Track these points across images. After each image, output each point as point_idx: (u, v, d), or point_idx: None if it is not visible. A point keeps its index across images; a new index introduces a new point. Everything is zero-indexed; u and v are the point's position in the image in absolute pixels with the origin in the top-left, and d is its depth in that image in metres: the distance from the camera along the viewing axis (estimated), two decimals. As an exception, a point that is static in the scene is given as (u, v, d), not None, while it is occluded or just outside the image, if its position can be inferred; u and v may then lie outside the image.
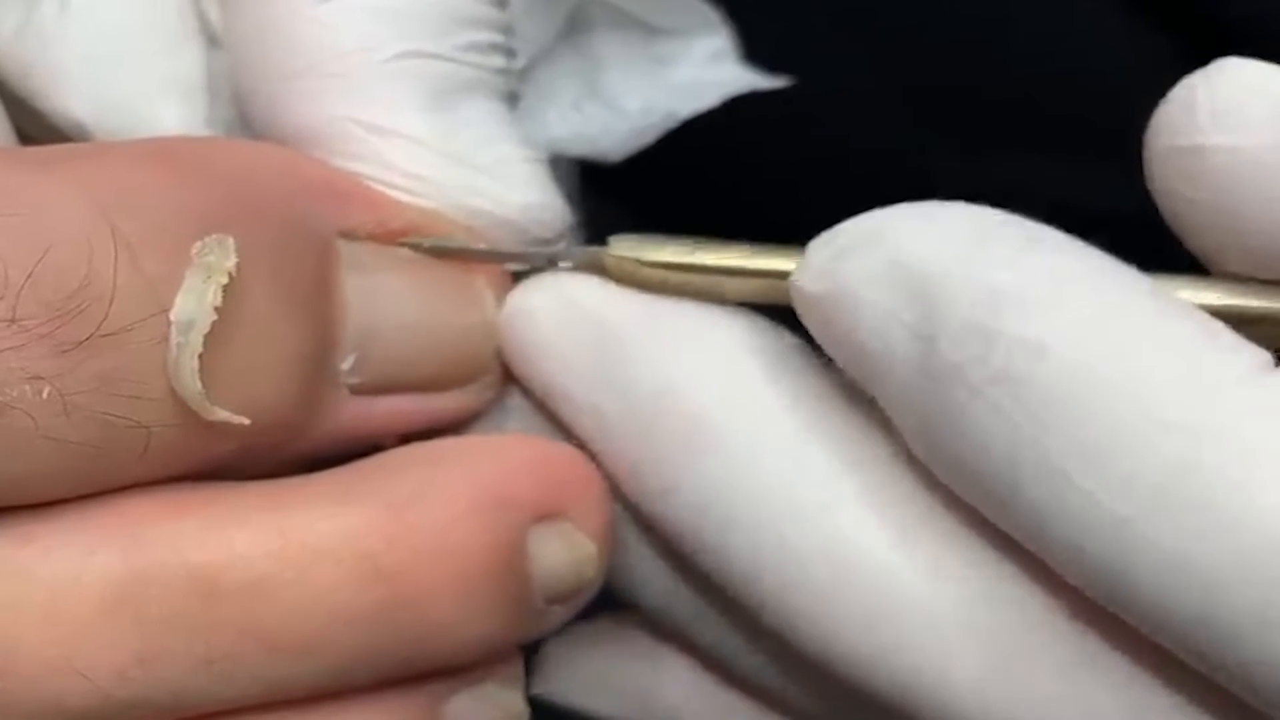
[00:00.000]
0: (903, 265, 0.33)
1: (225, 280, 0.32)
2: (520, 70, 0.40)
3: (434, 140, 0.37)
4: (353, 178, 0.37)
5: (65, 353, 0.30)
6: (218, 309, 0.32)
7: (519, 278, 0.38)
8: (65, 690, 0.31)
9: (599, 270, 0.37)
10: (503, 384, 0.38)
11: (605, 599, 0.38)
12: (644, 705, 0.41)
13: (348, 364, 0.35)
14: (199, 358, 0.31)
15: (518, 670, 0.37)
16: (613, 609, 0.40)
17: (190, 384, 0.31)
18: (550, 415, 0.38)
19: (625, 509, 0.37)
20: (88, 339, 0.30)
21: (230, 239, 0.32)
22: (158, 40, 0.39)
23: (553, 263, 0.37)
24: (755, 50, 0.43)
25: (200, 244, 0.32)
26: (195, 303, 0.31)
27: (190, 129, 0.38)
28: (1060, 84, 0.51)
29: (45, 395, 0.30)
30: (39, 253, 0.30)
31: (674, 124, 0.42)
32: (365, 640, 0.33)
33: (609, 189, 0.45)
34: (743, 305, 0.37)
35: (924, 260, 0.32)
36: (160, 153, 0.34)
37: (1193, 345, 0.31)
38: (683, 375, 0.36)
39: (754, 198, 0.53)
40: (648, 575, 0.39)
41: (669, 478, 0.36)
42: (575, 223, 0.39)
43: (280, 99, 0.37)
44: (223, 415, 0.32)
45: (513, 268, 0.38)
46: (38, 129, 0.39)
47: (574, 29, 0.43)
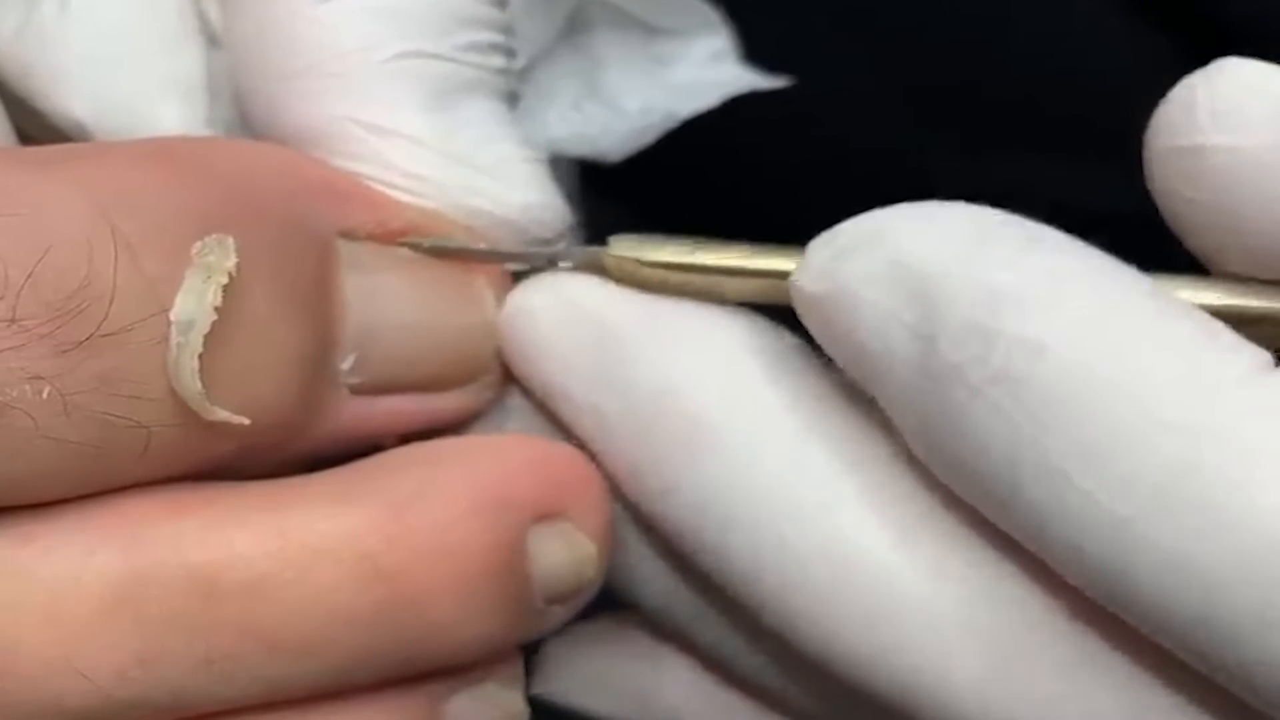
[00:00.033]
0: (903, 265, 0.33)
1: (225, 280, 0.32)
2: (520, 70, 0.40)
3: (434, 140, 0.37)
4: (353, 178, 0.37)
5: (65, 353, 0.30)
6: (218, 309, 0.32)
7: (519, 278, 0.38)
8: (65, 690, 0.31)
9: (599, 270, 0.37)
10: (503, 384, 0.38)
11: (605, 599, 0.38)
12: (644, 705, 0.41)
13: (348, 364, 0.35)
14: (199, 358, 0.31)
15: (518, 670, 0.37)
16: (613, 609, 0.40)
17: (190, 384, 0.31)
18: (550, 415, 0.38)
19: (625, 509, 0.37)
20: (88, 339, 0.30)
21: (230, 239, 0.32)
22: (158, 40, 0.39)
23: (553, 263, 0.37)
24: (755, 50, 0.43)
25: (200, 244, 0.32)
26: (195, 303, 0.31)
27: (190, 129, 0.38)
28: (1060, 84, 0.51)
29: (45, 395, 0.30)
30: (39, 253, 0.30)
31: (674, 124, 0.42)
32: (365, 640, 0.33)
33: (609, 189, 0.45)
34: (743, 305, 0.37)
35: (924, 260, 0.32)
36: (160, 153, 0.34)
37: (1193, 345, 0.31)
38: (683, 375, 0.36)
39: (754, 198, 0.53)
40: (648, 575, 0.39)
41: (669, 478, 0.36)
42: (575, 223, 0.38)
43: (280, 99, 0.37)
44: (223, 415, 0.32)
45: (513, 268, 0.38)
46: (38, 129, 0.39)
47: (574, 29, 0.43)
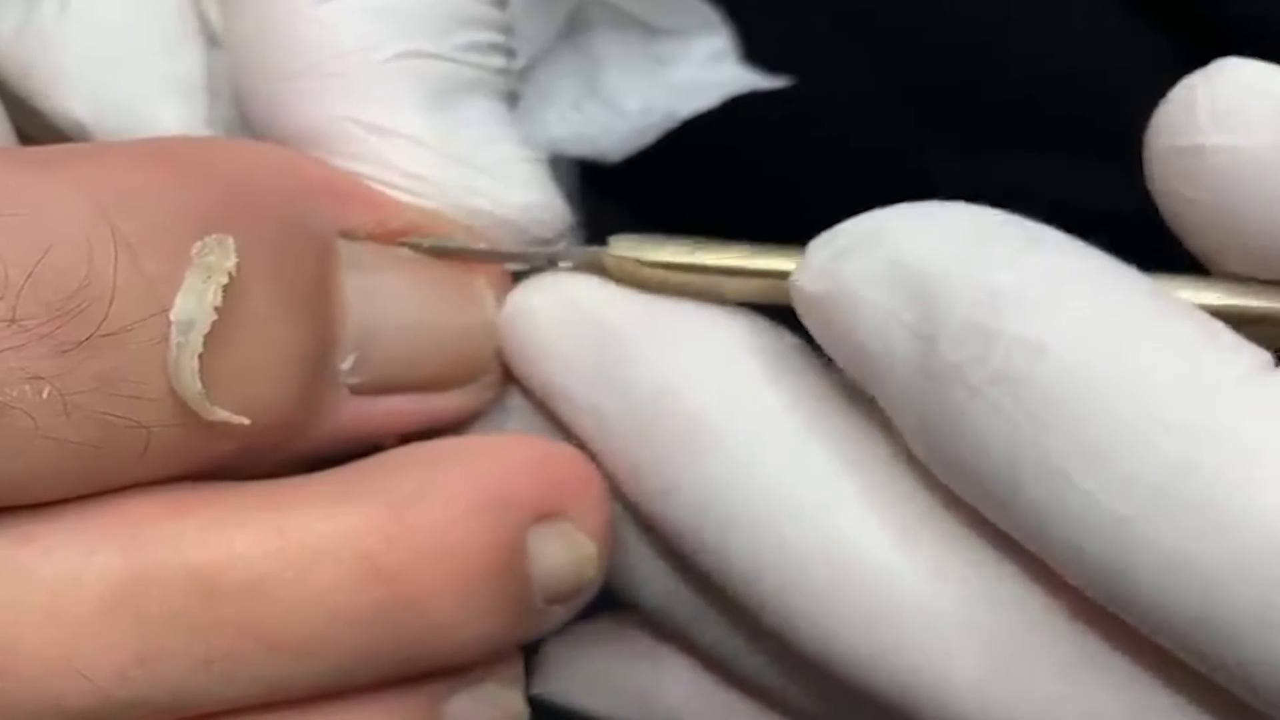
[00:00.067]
0: (902, 265, 0.33)
1: (225, 280, 0.32)
2: (520, 70, 0.40)
3: (434, 140, 0.37)
4: (353, 177, 0.37)
5: (65, 353, 0.30)
6: (218, 309, 0.32)
7: (519, 278, 0.38)
8: (65, 690, 0.31)
9: (599, 270, 0.37)
10: (502, 384, 0.38)
11: (605, 599, 0.38)
12: (644, 705, 0.41)
13: (347, 364, 0.35)
14: (199, 358, 0.31)
15: (518, 670, 0.37)
16: (613, 609, 0.40)
17: (190, 384, 0.31)
18: (550, 415, 0.38)
19: (625, 509, 0.37)
20: (88, 339, 0.30)
21: (230, 239, 0.32)
22: (158, 40, 0.39)
23: (553, 263, 0.37)
24: (755, 50, 0.43)
25: (200, 244, 0.32)
26: (195, 303, 0.31)
27: (190, 129, 0.38)
28: (1060, 84, 0.51)
29: (45, 395, 0.30)
30: (39, 253, 0.30)
31: (674, 124, 0.42)
32: (365, 640, 0.33)
33: (609, 189, 0.45)
34: (743, 305, 0.37)
35: (924, 260, 0.32)
36: (160, 153, 0.34)
37: (1193, 345, 0.31)
38: (682, 375, 0.36)
39: (754, 198, 0.53)
40: (648, 575, 0.39)
41: (668, 478, 0.36)
42: (575, 223, 0.38)
43: (280, 99, 0.37)
44: (222, 415, 0.32)
45: (513, 267, 0.38)
46: (38, 129, 0.39)
47: (574, 29, 0.43)
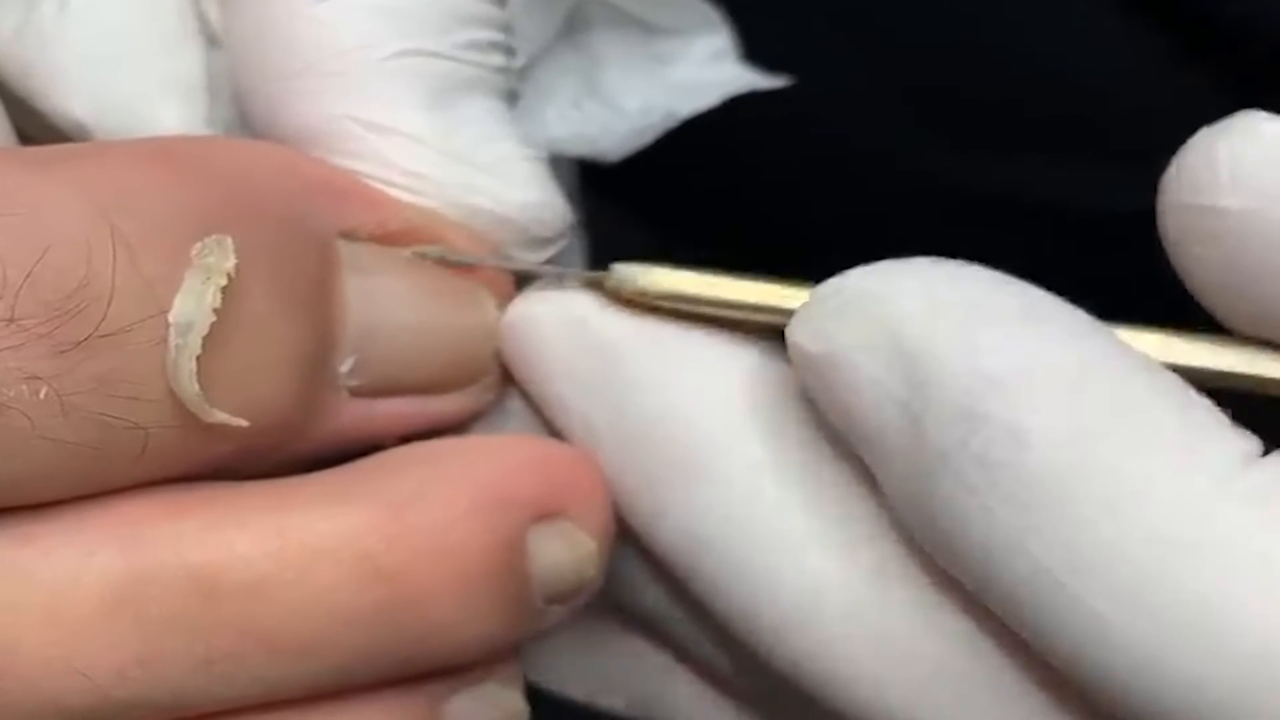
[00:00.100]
0: (897, 337, 0.32)
1: (224, 282, 0.32)
2: (520, 69, 0.40)
3: (433, 138, 0.37)
4: (352, 176, 0.36)
5: (63, 353, 0.30)
6: (216, 310, 0.31)
7: (521, 283, 0.38)
8: (65, 690, 0.31)
9: (602, 293, 0.37)
10: (502, 387, 0.38)
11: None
12: (646, 705, 0.41)
13: (347, 366, 0.35)
14: (197, 359, 0.31)
15: (518, 670, 0.37)
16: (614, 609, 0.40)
17: (188, 386, 0.31)
18: (549, 420, 0.38)
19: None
20: (86, 339, 0.30)
21: (229, 240, 0.32)
22: (158, 40, 0.39)
23: (559, 280, 0.37)
24: (755, 50, 0.43)
25: (200, 245, 0.32)
26: (194, 304, 0.31)
27: (190, 129, 0.38)
28: (1059, 84, 0.51)
29: (43, 395, 0.30)
30: (38, 252, 0.30)
31: (674, 124, 0.42)
32: (365, 640, 0.33)
33: (609, 188, 0.45)
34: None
35: (917, 337, 0.32)
36: (160, 153, 0.34)
37: (1176, 440, 0.31)
38: (683, 403, 0.35)
39: (754, 197, 0.52)
40: (640, 585, 0.39)
41: (660, 502, 0.35)
42: (575, 222, 0.38)
43: (279, 98, 0.37)
44: (221, 417, 0.32)
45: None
46: (38, 129, 0.39)
47: (573, 27, 0.43)
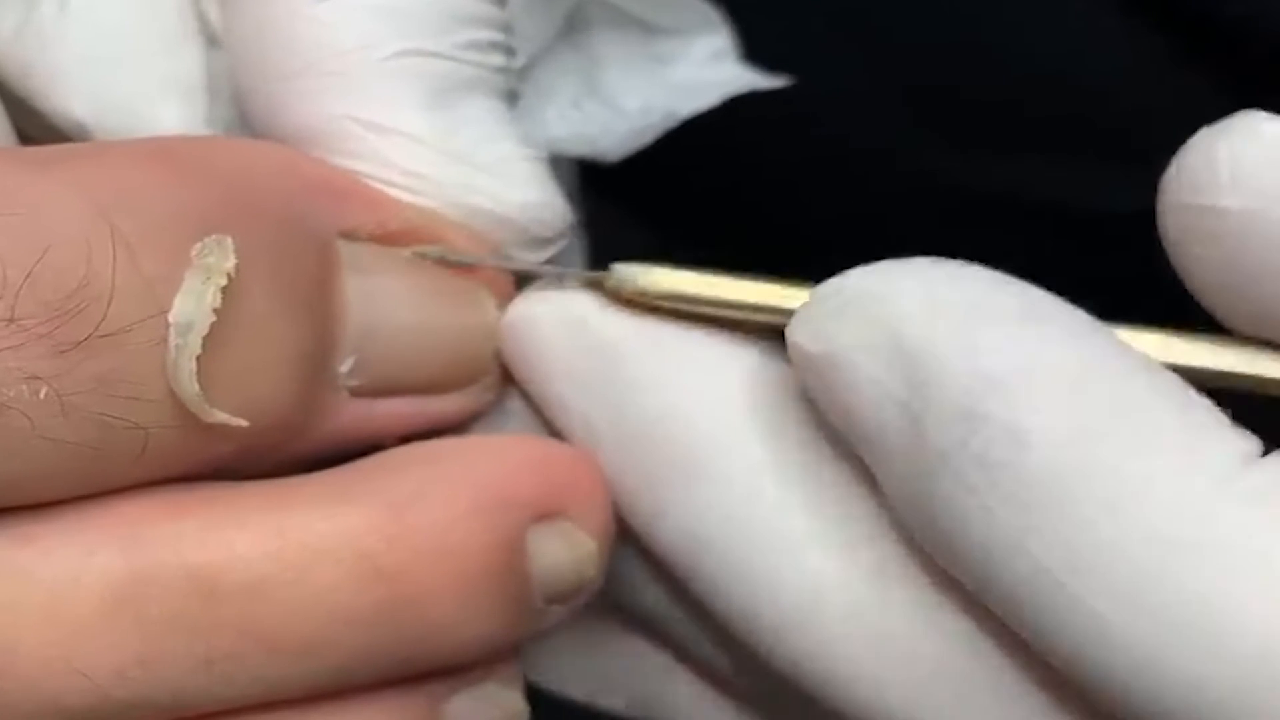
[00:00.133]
0: (897, 336, 0.32)
1: (224, 282, 0.32)
2: (520, 69, 0.40)
3: (433, 138, 0.37)
4: (352, 176, 0.36)
5: (63, 353, 0.30)
6: (216, 310, 0.31)
7: (522, 284, 0.38)
8: (65, 690, 0.31)
9: (603, 292, 0.37)
10: (502, 387, 0.38)
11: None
12: (646, 705, 0.41)
13: (347, 366, 0.35)
14: (197, 359, 0.31)
15: (518, 670, 0.37)
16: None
17: (188, 386, 0.31)
18: (549, 421, 0.38)
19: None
20: (86, 339, 0.30)
21: (229, 240, 0.32)
22: (158, 40, 0.39)
23: (558, 280, 0.37)
24: (755, 50, 0.43)
25: (200, 245, 0.32)
26: (194, 304, 0.31)
27: (190, 129, 0.38)
28: (1059, 84, 0.51)
29: (43, 395, 0.30)
30: (38, 252, 0.30)
31: (674, 124, 0.42)
32: (365, 640, 0.33)
33: (609, 189, 0.45)
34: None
35: (917, 336, 0.32)
36: (160, 152, 0.34)
37: (1176, 440, 0.31)
38: (683, 403, 0.35)
39: (754, 198, 0.52)
40: (640, 585, 0.39)
41: (660, 502, 0.35)
42: (575, 222, 0.38)
43: (279, 98, 0.37)
44: (221, 417, 0.32)
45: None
46: (38, 129, 0.39)
47: (573, 27, 0.43)
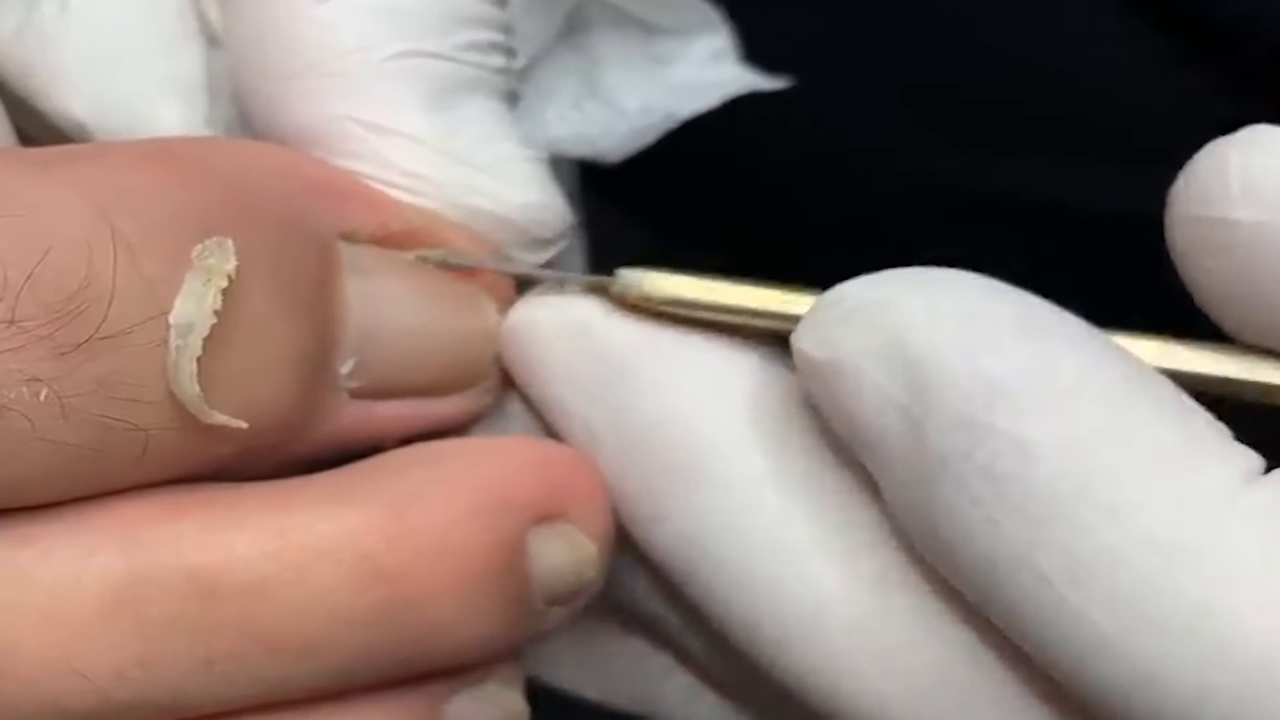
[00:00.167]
0: (901, 344, 0.32)
1: (225, 283, 0.32)
2: (520, 70, 0.40)
3: (434, 139, 0.37)
4: (353, 177, 0.36)
5: (64, 355, 0.30)
6: (217, 312, 0.31)
7: (522, 287, 0.38)
8: (64, 691, 0.31)
9: (605, 297, 0.37)
10: (502, 389, 0.38)
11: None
12: (646, 706, 0.41)
13: (347, 367, 0.35)
14: (197, 361, 0.31)
15: (518, 670, 0.37)
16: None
17: (189, 388, 0.31)
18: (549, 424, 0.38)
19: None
20: (86, 341, 0.30)
21: (230, 241, 0.32)
22: (158, 40, 0.39)
23: (560, 285, 0.37)
24: (755, 50, 0.43)
25: (200, 247, 0.32)
26: (194, 306, 0.31)
27: (190, 129, 0.38)
28: (1059, 84, 0.51)
29: (43, 397, 0.30)
30: (38, 254, 0.30)
31: (674, 124, 0.42)
32: (366, 641, 0.33)
33: (609, 189, 0.45)
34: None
35: (921, 345, 0.32)
36: (160, 153, 0.34)
37: (1180, 455, 0.31)
38: (683, 407, 0.35)
39: (754, 198, 0.52)
40: (639, 588, 0.39)
41: (659, 507, 0.35)
42: (575, 223, 0.38)
43: (280, 98, 0.37)
44: (221, 419, 0.32)
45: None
46: (38, 129, 0.39)
47: (573, 28, 0.43)
